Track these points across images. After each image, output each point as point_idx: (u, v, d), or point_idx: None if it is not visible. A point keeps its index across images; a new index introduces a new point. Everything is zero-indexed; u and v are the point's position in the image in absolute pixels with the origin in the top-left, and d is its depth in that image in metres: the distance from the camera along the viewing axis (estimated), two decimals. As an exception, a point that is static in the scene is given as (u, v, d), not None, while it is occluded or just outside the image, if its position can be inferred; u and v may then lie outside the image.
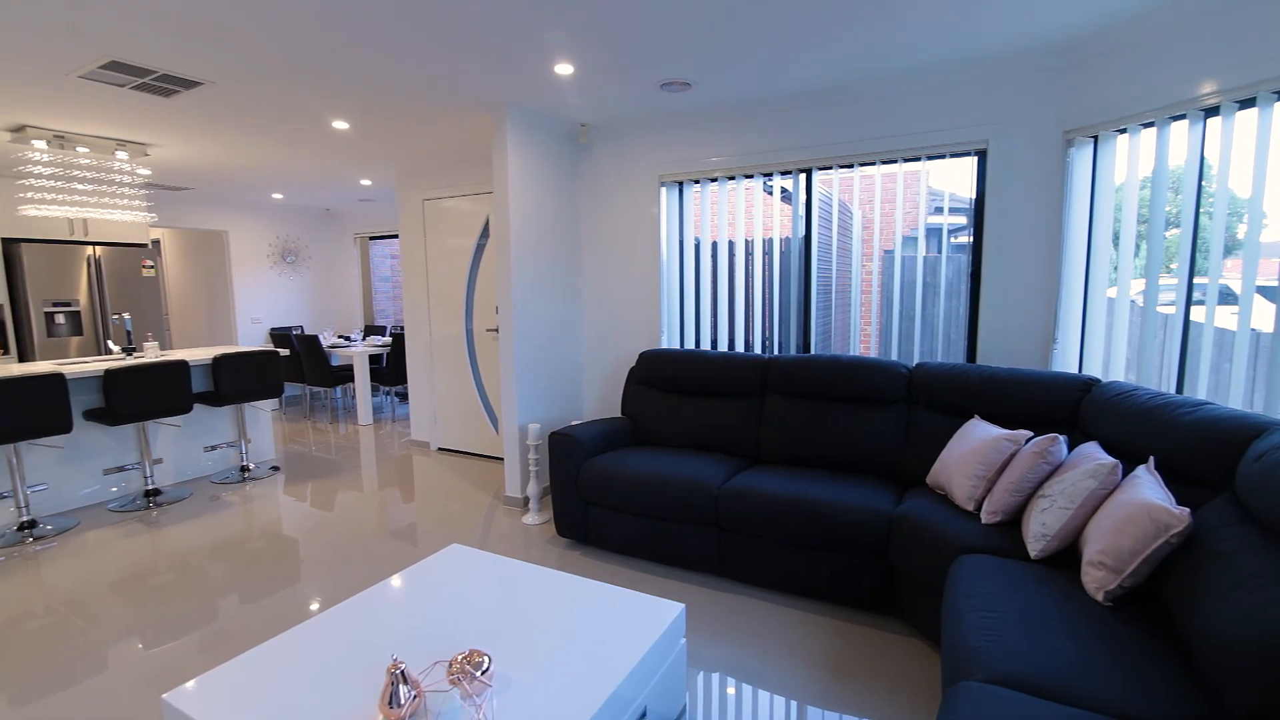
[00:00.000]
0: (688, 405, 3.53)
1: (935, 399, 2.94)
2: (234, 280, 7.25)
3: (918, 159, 3.29)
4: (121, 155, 4.28)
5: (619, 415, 3.93)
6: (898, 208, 3.81)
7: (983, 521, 2.27)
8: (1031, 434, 2.38)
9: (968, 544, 2.15)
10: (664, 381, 3.63)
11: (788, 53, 2.83)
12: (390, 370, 6.44)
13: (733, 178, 3.81)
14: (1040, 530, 2.01)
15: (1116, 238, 2.79)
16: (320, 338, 6.40)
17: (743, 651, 2.36)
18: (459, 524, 3.66)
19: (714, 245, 4.00)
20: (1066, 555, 2.02)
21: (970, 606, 1.72)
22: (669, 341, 4.13)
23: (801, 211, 3.64)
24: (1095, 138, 2.81)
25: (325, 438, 5.86)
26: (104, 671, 2.29)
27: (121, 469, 4.22)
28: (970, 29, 2.61)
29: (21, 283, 5.13)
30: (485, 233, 4.89)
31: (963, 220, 3.83)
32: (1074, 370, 2.99)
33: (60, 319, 5.30)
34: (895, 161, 3.34)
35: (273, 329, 7.53)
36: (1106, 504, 1.88)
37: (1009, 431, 2.40)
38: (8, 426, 3.33)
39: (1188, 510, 1.65)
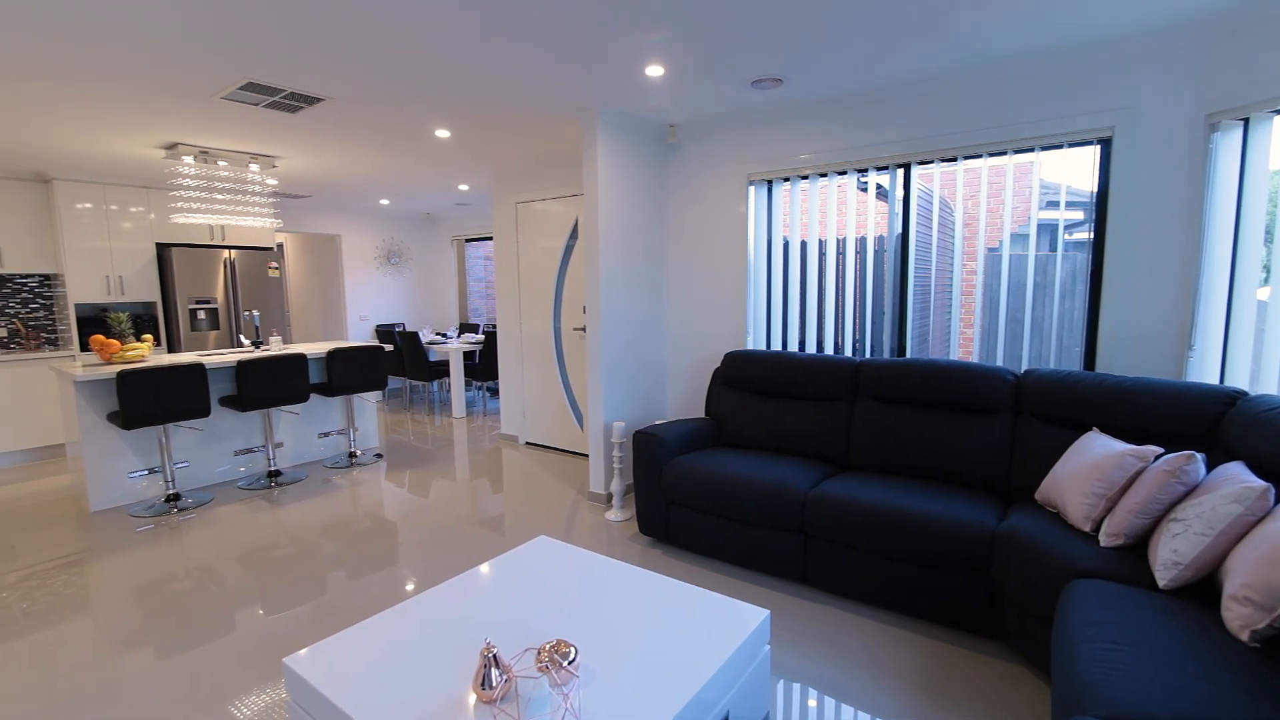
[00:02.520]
0: (773, 407, 3.46)
1: (1047, 409, 2.72)
2: (345, 280, 7.84)
3: (1030, 150, 3.06)
4: (254, 168, 4.73)
5: (702, 416, 3.92)
6: (1006, 203, 3.55)
7: (1101, 544, 2.08)
8: (1161, 450, 2.16)
9: (1083, 568, 1.97)
10: (749, 383, 3.58)
11: (887, 41, 2.71)
12: (482, 366, 6.74)
13: (824, 175, 3.69)
14: (1171, 558, 1.82)
15: (1269, 233, 2.48)
16: (420, 334, 6.79)
17: (827, 663, 2.29)
18: (544, 516, 3.77)
19: (803, 244, 3.90)
20: (1202, 587, 1.82)
21: (1088, 636, 1.58)
22: (754, 342, 4.07)
23: (898, 208, 3.48)
24: (1245, 120, 2.50)
25: (423, 429, 6.21)
26: (231, 632, 2.54)
27: (249, 451, 4.67)
28: (1095, 4, 2.39)
29: (171, 282, 5.78)
30: (574, 234, 5.01)
31: (1080, 215, 3.53)
32: (1214, 381, 2.67)
33: (201, 315, 5.94)
34: (1004, 153, 3.13)
35: (378, 325, 8.07)
36: (1254, 533, 1.68)
37: (1134, 447, 2.18)
38: (160, 409, 3.77)
39: (1360, 545, 1.44)
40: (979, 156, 3.20)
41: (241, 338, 5.34)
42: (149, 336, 4.55)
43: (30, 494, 4.34)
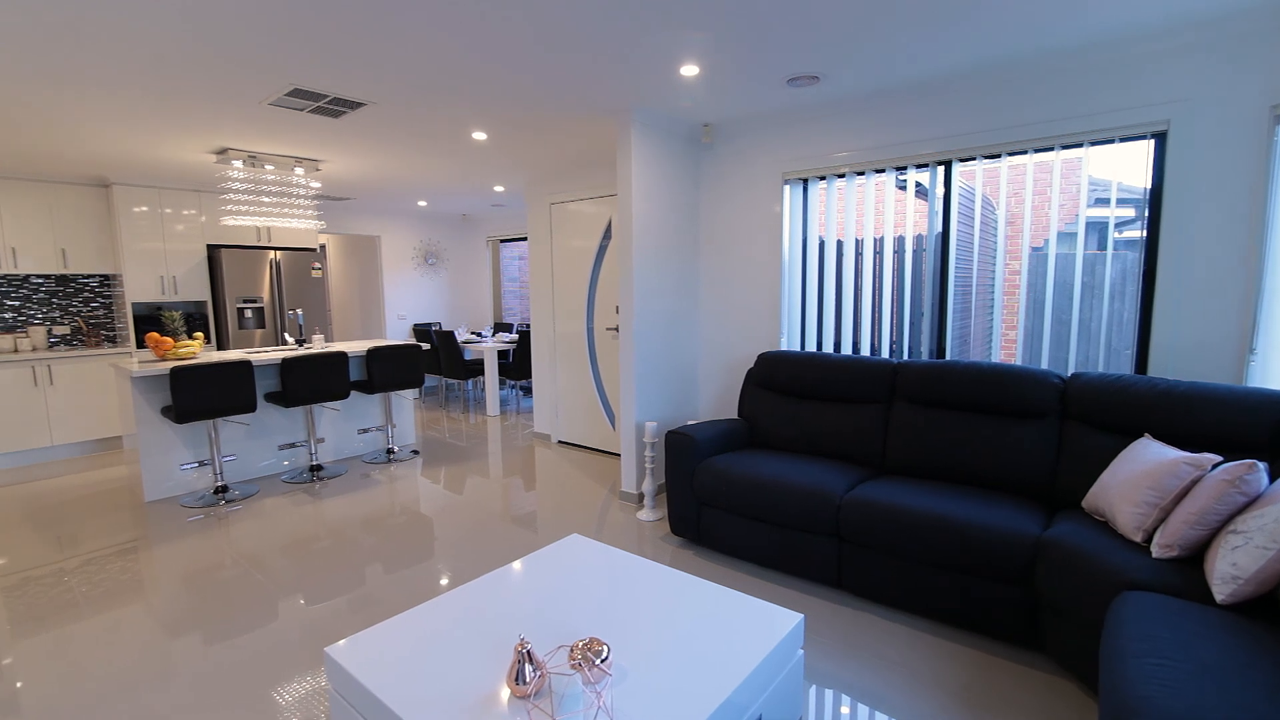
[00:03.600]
0: (808, 409, 3.42)
1: (1095, 413, 2.62)
2: (384, 280, 8.03)
3: (1078, 145, 2.96)
4: (299, 171, 4.88)
5: (735, 417, 3.89)
6: (1052, 200, 3.44)
7: (1153, 555, 1.99)
8: (1219, 459, 2.06)
9: (1134, 579, 1.90)
10: (784, 384, 3.54)
11: (929, 34, 2.65)
12: (516, 365, 6.82)
13: (861, 173, 3.63)
14: (1230, 571, 1.73)
15: (1342, 230, 2.34)
16: (456, 334, 6.91)
17: (863, 669, 2.25)
18: (576, 515, 3.80)
19: (839, 244, 3.84)
20: (1264, 603, 1.73)
21: (1139, 650, 1.52)
22: (789, 343, 4.02)
23: (939, 207, 3.40)
24: (1315, 112, 2.37)
25: (458, 426, 6.32)
26: (274, 620, 2.62)
27: (292, 445, 4.82)
28: (1151, -4, 2.30)
29: (220, 282, 6.00)
30: (607, 234, 5.03)
31: (1131, 213, 3.39)
32: (1277, 387, 2.54)
33: (248, 313, 6.15)
34: (1051, 149, 3.03)
35: (415, 325, 8.24)
36: (1323, 546, 1.59)
37: (1190, 454, 2.09)
38: (210, 404, 3.92)
39: None
40: (1024, 153, 3.10)
41: (286, 336, 5.52)
42: (200, 334, 4.73)
43: (91, 483, 4.56)
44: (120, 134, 3.98)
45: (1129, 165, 2.99)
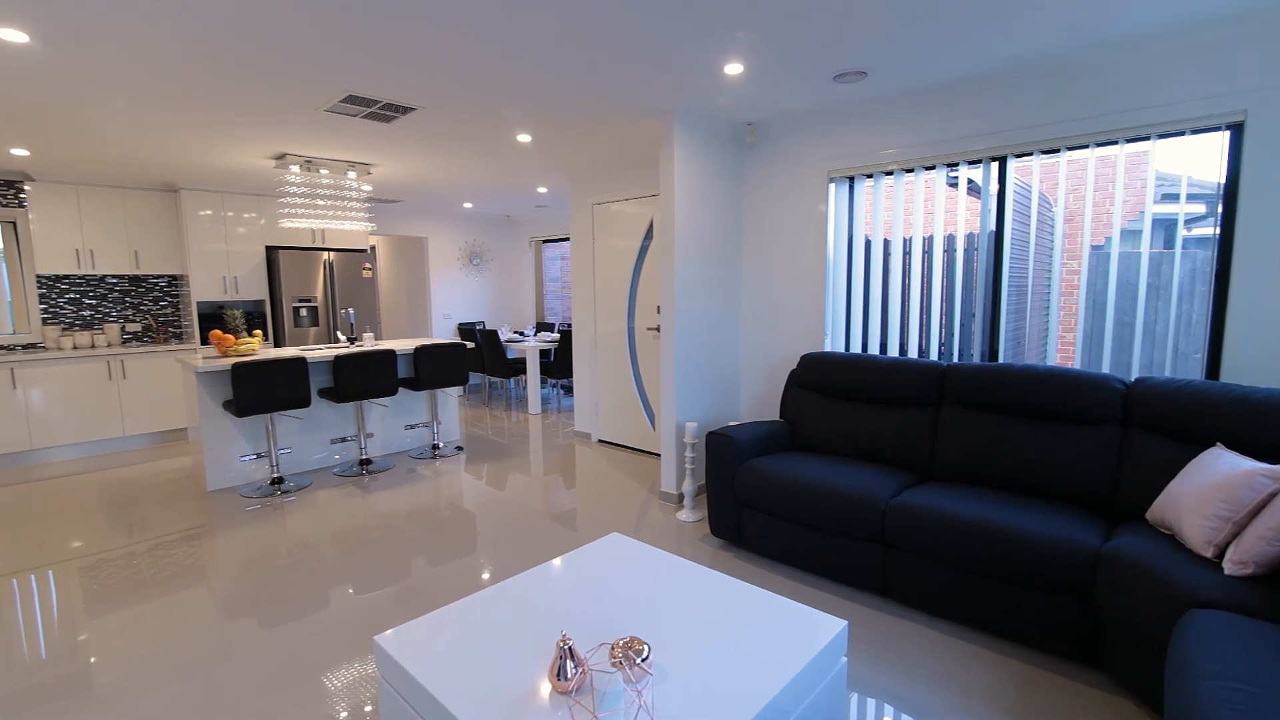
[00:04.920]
0: (852, 412, 3.35)
1: (1162, 421, 2.49)
2: (431, 280, 8.24)
3: (1145, 138, 2.82)
4: (351, 175, 5.05)
5: (777, 419, 3.84)
6: (1115, 196, 3.29)
7: (1225, 572, 1.88)
8: (1302, 471, 1.93)
9: (1204, 597, 1.79)
10: (827, 386, 3.48)
11: (983, 24, 2.56)
12: (557, 364, 6.89)
13: (910, 170, 3.54)
14: (1313, 591, 1.62)
15: None
16: (499, 333, 7.03)
17: (909, 680, 2.19)
18: (615, 514, 3.82)
19: (886, 243, 3.75)
20: (1352, 626, 1.61)
21: (1209, 672, 1.44)
22: (832, 344, 3.95)
23: (992, 204, 3.29)
24: None
25: (500, 424, 6.43)
26: (325, 608, 2.72)
27: (343, 440, 4.99)
28: (1228, -21, 2.17)
29: (278, 282, 6.26)
30: (649, 234, 5.04)
31: (1202, 209, 3.21)
32: (1369, 394, 2.36)
33: (303, 312, 6.40)
34: (1115, 143, 2.89)
35: (460, 324, 8.42)
36: None
37: (1268, 466, 1.96)
38: (268, 399, 4.09)
39: None
40: (1085, 147, 2.97)
41: (338, 334, 5.71)
42: (259, 332, 4.95)
43: (158, 472, 4.82)
44: (192, 142, 4.20)
45: (1200, 159, 2.82)
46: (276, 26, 2.45)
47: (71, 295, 5.67)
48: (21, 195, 5.35)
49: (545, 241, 8.74)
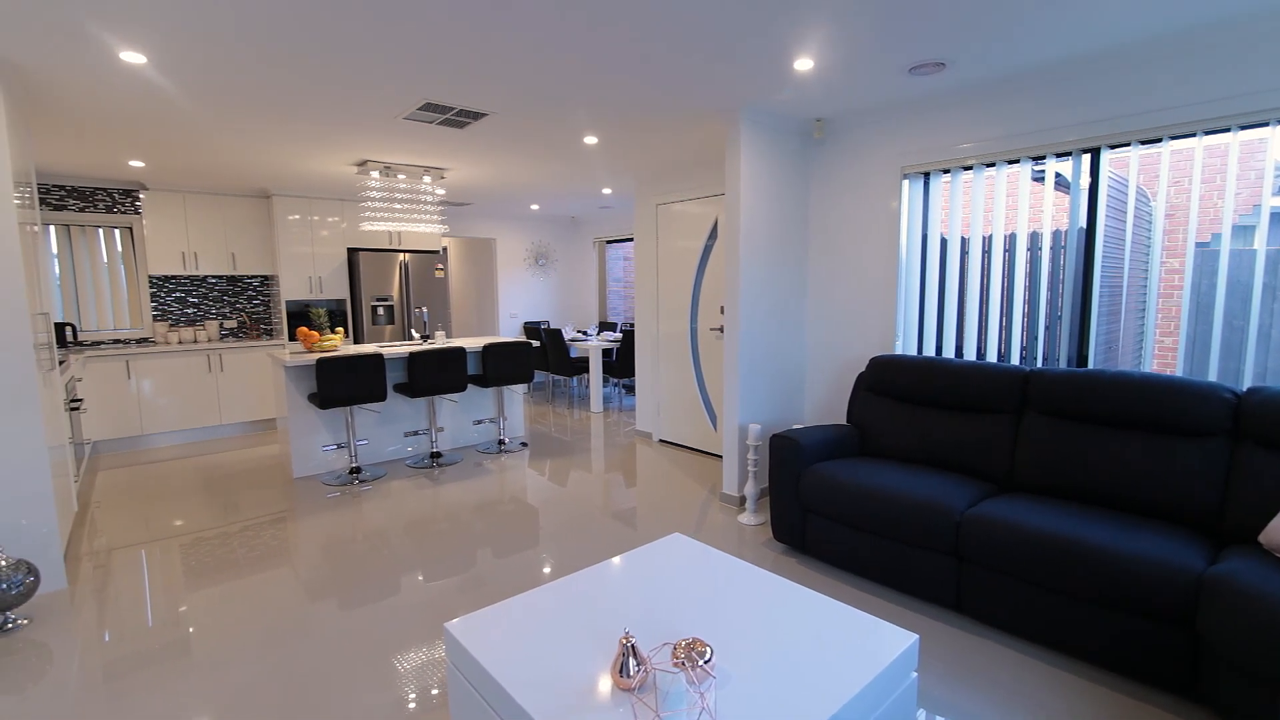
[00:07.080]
0: (924, 418, 3.22)
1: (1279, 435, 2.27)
2: (498, 280, 8.48)
3: (1263, 124, 2.57)
4: (426, 179, 5.26)
5: (843, 423, 3.74)
6: (1226, 189, 3.02)
7: (1356, 604, 1.69)
8: None
9: (1329, 630, 1.62)
10: (898, 390, 3.35)
11: (1072, 3, 2.41)
12: (619, 364, 6.95)
13: (991, 164, 3.36)
14: None
15: None
16: (563, 332, 7.16)
17: (984, 701, 2.08)
18: (676, 514, 3.81)
19: (963, 241, 3.58)
20: None
21: (1334, 713, 1.30)
22: (904, 347, 3.81)
23: (1082, 199, 3.08)
24: None
25: (563, 421, 6.54)
26: (397, 594, 2.84)
27: (416, 433, 5.21)
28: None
29: (358, 282, 6.61)
30: (713, 234, 5.00)
31: (1330, 201, 2.90)
32: None
33: (380, 311, 6.72)
34: (1227, 130, 2.65)
35: (526, 323, 8.63)
36: None
37: None
38: (349, 392, 4.32)
39: None
40: (1192, 135, 2.74)
41: (412, 331, 5.97)
42: (340, 329, 5.23)
43: (250, 459, 5.18)
44: (284, 150, 4.49)
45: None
46: (362, 39, 2.58)
47: (178, 294, 6.18)
48: (137, 203, 5.87)
49: (609, 242, 8.83)
